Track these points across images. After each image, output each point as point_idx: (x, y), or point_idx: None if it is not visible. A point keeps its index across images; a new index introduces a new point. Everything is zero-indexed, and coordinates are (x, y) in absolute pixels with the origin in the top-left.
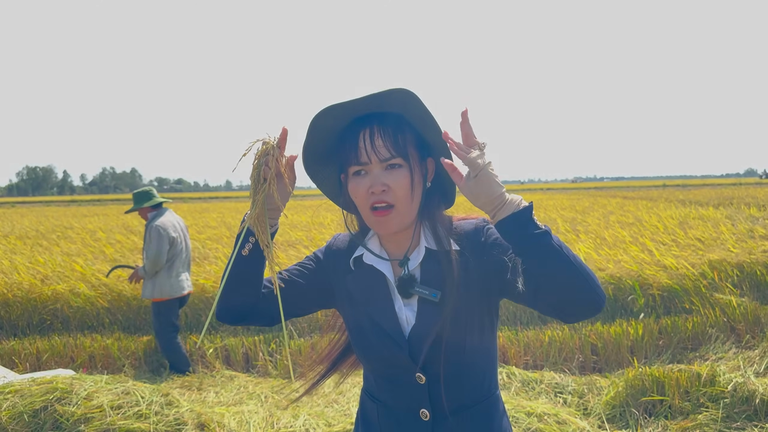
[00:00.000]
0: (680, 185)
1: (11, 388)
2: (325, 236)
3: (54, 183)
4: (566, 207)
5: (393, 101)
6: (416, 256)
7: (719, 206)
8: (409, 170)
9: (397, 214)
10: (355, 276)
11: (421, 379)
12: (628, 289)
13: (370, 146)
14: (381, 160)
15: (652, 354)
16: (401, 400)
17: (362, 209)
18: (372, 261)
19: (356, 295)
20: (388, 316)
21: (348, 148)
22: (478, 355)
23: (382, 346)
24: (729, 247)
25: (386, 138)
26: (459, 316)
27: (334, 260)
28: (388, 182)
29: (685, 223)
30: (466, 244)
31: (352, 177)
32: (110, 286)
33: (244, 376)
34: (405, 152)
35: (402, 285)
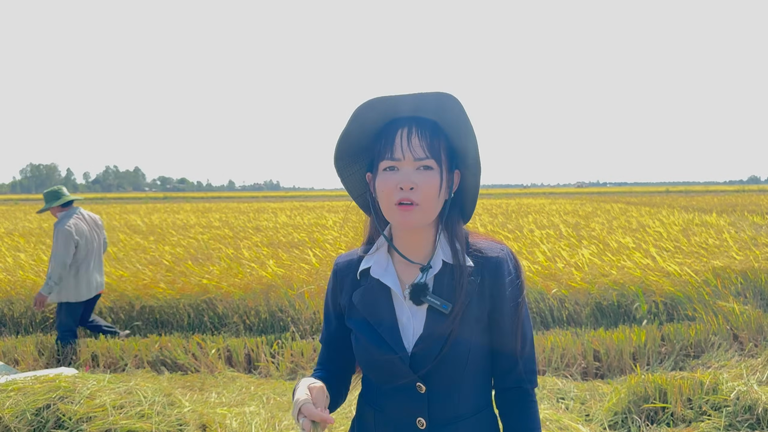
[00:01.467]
0: (683, 191)
1: (14, 386)
2: (327, 237)
3: (57, 181)
4: (569, 212)
5: (436, 107)
6: (434, 266)
7: (722, 213)
8: (439, 174)
9: (420, 210)
10: (361, 290)
11: (421, 388)
12: (632, 295)
13: (406, 144)
14: (415, 159)
15: (655, 361)
16: (400, 408)
17: (386, 204)
18: (378, 274)
19: (360, 308)
20: (391, 328)
21: (384, 143)
22: (477, 371)
23: (384, 358)
24: (732, 255)
25: (423, 139)
26: (465, 329)
27: (342, 281)
28: (417, 182)
29: (689, 229)
30: (486, 266)
31: (381, 173)
32: (113, 285)
33: (246, 377)
34: (439, 156)
35: (415, 291)
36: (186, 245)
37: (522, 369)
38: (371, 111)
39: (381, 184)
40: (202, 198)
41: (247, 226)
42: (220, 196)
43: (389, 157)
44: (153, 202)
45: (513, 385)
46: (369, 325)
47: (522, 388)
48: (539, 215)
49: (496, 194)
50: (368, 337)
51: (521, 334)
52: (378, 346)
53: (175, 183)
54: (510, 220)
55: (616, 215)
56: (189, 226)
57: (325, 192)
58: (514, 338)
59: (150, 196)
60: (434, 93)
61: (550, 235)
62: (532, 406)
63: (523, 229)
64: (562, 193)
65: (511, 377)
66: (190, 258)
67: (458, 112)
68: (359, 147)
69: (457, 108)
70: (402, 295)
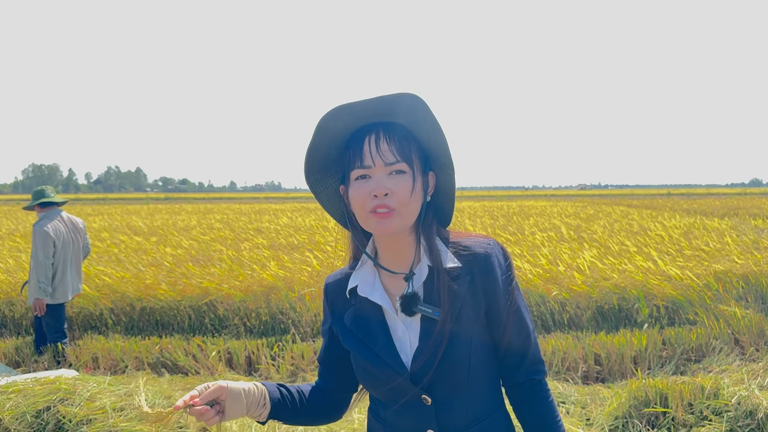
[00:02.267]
0: (685, 194)
1: (14, 388)
2: (329, 240)
3: (59, 181)
4: (571, 214)
5: (401, 109)
6: (420, 273)
7: (724, 217)
8: (412, 177)
9: (397, 215)
10: (351, 310)
11: (427, 401)
12: (633, 299)
13: (375, 150)
14: (386, 164)
15: (656, 365)
16: (408, 422)
17: (361, 213)
18: (365, 293)
19: (354, 329)
20: (387, 346)
21: (352, 153)
22: (483, 372)
23: (384, 376)
24: (734, 259)
25: (392, 143)
26: (462, 333)
27: (333, 303)
28: (391, 187)
29: (690, 233)
30: (475, 264)
31: (354, 182)
32: (114, 287)
33: (246, 380)
34: (410, 159)
35: (405, 303)
36: (187, 246)
37: (530, 360)
38: (334, 121)
39: (354, 194)
40: (203, 199)
41: (249, 227)
42: (222, 197)
43: (359, 166)
44: (154, 202)
45: (524, 379)
46: (365, 346)
47: (534, 379)
48: (540, 218)
49: (497, 196)
50: (366, 357)
51: (523, 327)
52: (376, 365)
53: (176, 184)
54: (511, 223)
55: (618, 218)
56: (190, 227)
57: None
58: (517, 332)
59: (151, 196)
60: (396, 94)
61: (552, 237)
62: (547, 395)
63: (525, 231)
64: (563, 195)
65: (521, 371)
66: (191, 259)
67: (424, 112)
68: (329, 160)
69: (423, 107)
70: (393, 309)
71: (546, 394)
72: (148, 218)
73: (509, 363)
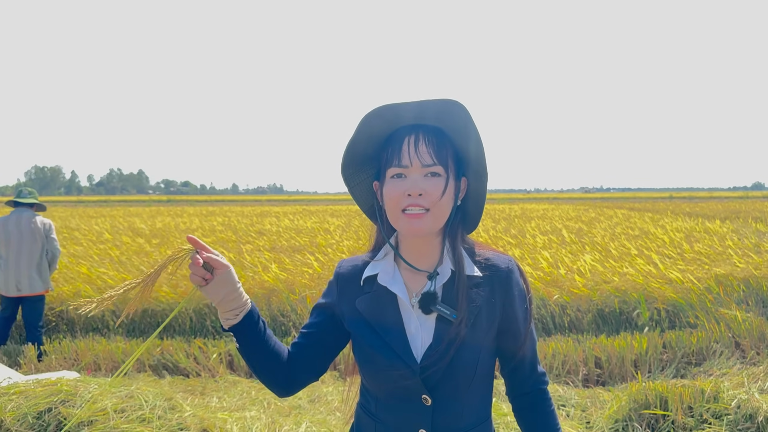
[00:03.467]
0: (687, 197)
1: (16, 389)
2: (330, 242)
3: (61, 183)
4: (572, 218)
5: (440, 113)
6: (442, 274)
7: (726, 220)
8: (446, 180)
9: (430, 216)
10: (366, 297)
11: (426, 401)
12: (633, 302)
13: (413, 150)
14: (423, 165)
15: (656, 368)
16: (402, 419)
17: (393, 211)
18: (386, 282)
19: (367, 315)
20: (399, 338)
21: (391, 151)
22: (483, 381)
23: (392, 368)
24: (735, 262)
25: (430, 145)
26: (474, 339)
27: (344, 287)
28: (426, 188)
29: (691, 236)
30: (496, 277)
31: (389, 180)
32: (115, 288)
33: (247, 382)
34: (446, 162)
35: (424, 300)
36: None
37: (539, 371)
38: (377, 119)
39: (389, 192)
40: (205, 201)
41: (250, 230)
42: (224, 200)
43: (397, 164)
44: (156, 205)
45: (532, 388)
46: (375, 333)
47: (541, 389)
48: (542, 221)
49: (499, 199)
50: (374, 345)
51: (534, 341)
52: (385, 356)
53: (178, 186)
54: (513, 226)
55: (619, 221)
56: (192, 229)
57: (329, 196)
58: (531, 346)
59: (153, 199)
60: (440, 100)
61: (553, 240)
62: (551, 403)
63: (526, 234)
64: (565, 198)
65: (531, 381)
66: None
67: (464, 119)
68: (366, 156)
69: (463, 114)
70: (410, 303)
71: (550, 402)
72: (150, 220)
73: (521, 373)
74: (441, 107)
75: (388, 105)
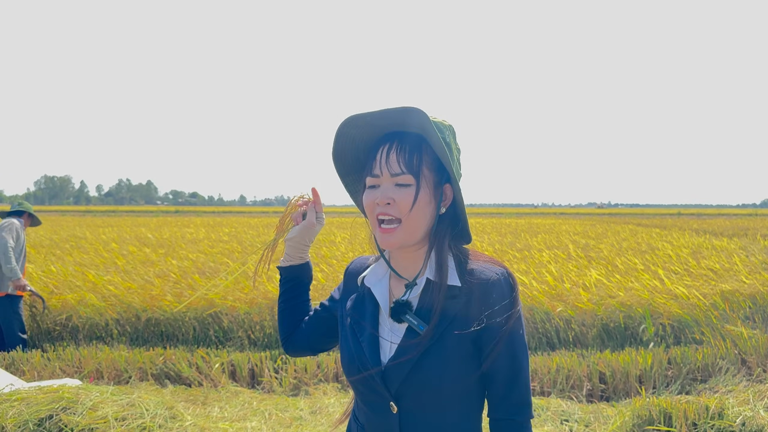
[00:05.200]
0: (695, 214)
1: (18, 396)
2: (335, 254)
3: (71, 193)
4: (579, 233)
5: (412, 121)
6: (420, 283)
7: (734, 237)
8: (416, 189)
9: (401, 229)
10: (354, 296)
11: (393, 408)
12: (639, 317)
13: (384, 160)
14: (391, 175)
15: (661, 384)
16: (376, 426)
17: (371, 221)
18: (370, 284)
19: (349, 315)
20: (371, 341)
21: (370, 161)
22: (458, 399)
23: (358, 369)
24: (742, 279)
25: (401, 154)
26: (440, 352)
27: (347, 283)
28: (394, 197)
29: (699, 252)
30: (477, 288)
31: (366, 190)
32: (120, 297)
33: (249, 392)
34: (417, 172)
35: (395, 309)
36: (194, 259)
37: (514, 401)
38: (353, 128)
39: (364, 201)
40: (213, 212)
41: (257, 240)
42: (231, 211)
43: (370, 174)
44: (164, 215)
45: (504, 416)
46: (353, 333)
47: (514, 420)
48: (549, 235)
49: (506, 213)
50: (349, 344)
51: (514, 364)
52: (356, 355)
53: (186, 197)
54: (519, 240)
55: (626, 237)
56: (198, 239)
57: (335, 208)
58: (506, 365)
59: (162, 209)
60: (404, 107)
61: (559, 255)
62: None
63: (532, 248)
64: (572, 213)
65: (503, 408)
66: (197, 271)
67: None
68: (360, 164)
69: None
70: (386, 309)
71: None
72: (157, 230)
73: (493, 395)
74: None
75: (358, 114)
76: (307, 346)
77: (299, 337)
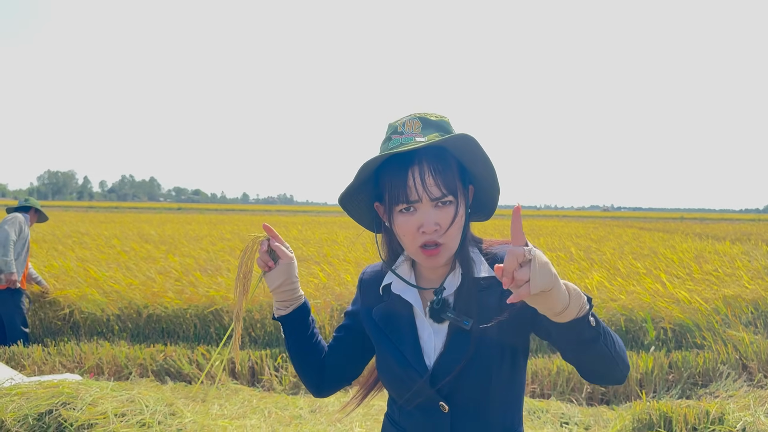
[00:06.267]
0: (698, 218)
1: (18, 390)
2: (338, 253)
3: (74, 188)
4: (581, 235)
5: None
6: (452, 282)
7: (736, 241)
8: (456, 206)
9: (445, 250)
10: (383, 305)
11: (444, 408)
12: (640, 321)
13: (421, 185)
14: (431, 199)
15: (661, 388)
16: (422, 427)
17: (409, 246)
18: (399, 290)
19: (382, 324)
20: (412, 346)
21: (395, 185)
22: (504, 388)
23: (405, 375)
24: (744, 284)
25: (437, 176)
26: (489, 346)
27: (365, 293)
28: (439, 221)
29: (701, 257)
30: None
31: (398, 214)
32: (122, 293)
33: (249, 390)
34: (455, 188)
35: (434, 310)
36: (196, 256)
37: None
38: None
39: (401, 228)
40: (215, 210)
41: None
42: (234, 209)
43: (404, 201)
44: (167, 212)
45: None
46: (390, 342)
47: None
48: (551, 237)
49: (508, 215)
50: (390, 354)
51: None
52: (399, 363)
53: (189, 194)
54: None
55: (629, 240)
56: (200, 237)
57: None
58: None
59: (165, 206)
60: (443, 140)
61: (561, 257)
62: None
63: None
64: (575, 216)
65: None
66: (199, 268)
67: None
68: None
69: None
70: (423, 311)
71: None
72: (160, 227)
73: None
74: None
75: (383, 154)
76: (343, 380)
77: (330, 379)
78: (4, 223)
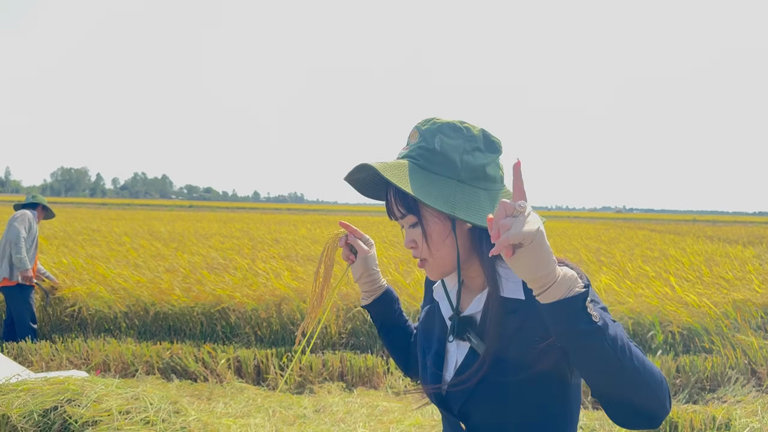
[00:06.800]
0: (711, 221)
1: (24, 386)
2: None
3: (87, 185)
4: (592, 237)
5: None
6: (480, 299)
7: (748, 245)
8: (421, 226)
9: (435, 265)
10: (429, 308)
11: (462, 426)
12: (648, 324)
13: (390, 207)
14: (398, 219)
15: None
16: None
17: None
18: (438, 298)
19: (421, 327)
20: (435, 355)
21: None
22: (532, 417)
23: (423, 381)
24: (755, 288)
25: (397, 196)
26: (498, 372)
27: (426, 291)
28: (415, 238)
29: (712, 260)
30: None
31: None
32: (129, 290)
33: (253, 389)
34: (415, 207)
35: (455, 326)
36: (204, 254)
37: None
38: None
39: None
40: (226, 208)
41: (267, 237)
42: (245, 207)
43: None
44: (178, 210)
45: None
46: (422, 346)
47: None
48: (561, 238)
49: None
50: (420, 356)
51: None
52: (422, 367)
53: (201, 192)
54: None
55: (639, 242)
56: (210, 235)
57: (349, 206)
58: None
59: (176, 204)
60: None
61: (570, 260)
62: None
63: None
64: (586, 217)
65: None
66: (206, 267)
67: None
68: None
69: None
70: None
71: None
72: (170, 225)
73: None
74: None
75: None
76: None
77: (415, 359)
78: (13, 220)
